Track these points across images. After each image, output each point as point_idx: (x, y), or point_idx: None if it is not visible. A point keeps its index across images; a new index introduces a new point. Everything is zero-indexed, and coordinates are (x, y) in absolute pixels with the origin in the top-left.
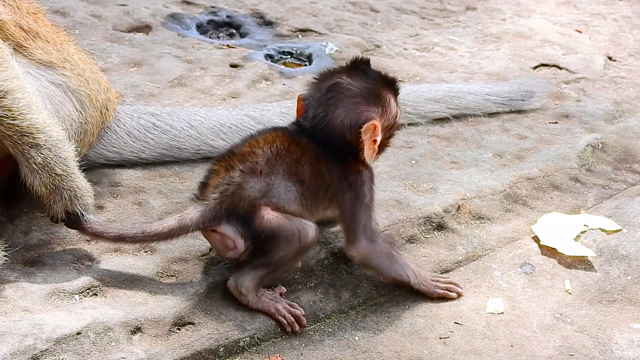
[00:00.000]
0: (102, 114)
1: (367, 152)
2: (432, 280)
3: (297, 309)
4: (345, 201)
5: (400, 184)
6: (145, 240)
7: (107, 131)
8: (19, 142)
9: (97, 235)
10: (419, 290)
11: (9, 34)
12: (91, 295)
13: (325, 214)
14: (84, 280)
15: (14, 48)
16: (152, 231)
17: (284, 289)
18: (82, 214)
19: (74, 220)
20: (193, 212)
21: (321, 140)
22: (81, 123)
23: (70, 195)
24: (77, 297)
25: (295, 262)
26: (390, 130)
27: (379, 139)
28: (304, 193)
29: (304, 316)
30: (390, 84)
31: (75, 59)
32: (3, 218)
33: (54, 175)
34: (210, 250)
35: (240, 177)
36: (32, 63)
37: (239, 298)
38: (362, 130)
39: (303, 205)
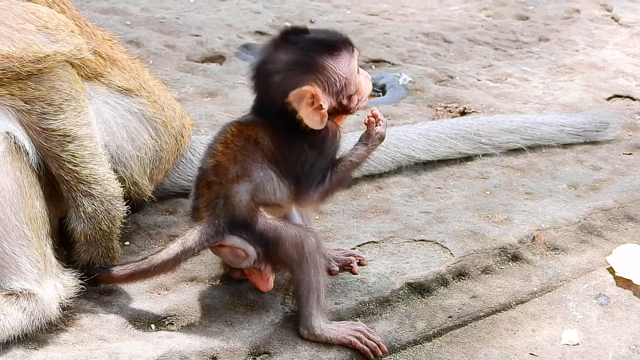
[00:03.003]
0: (177, 141)
1: (310, 120)
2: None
3: (375, 335)
4: (308, 157)
5: (475, 214)
6: (155, 272)
7: (183, 160)
8: (74, 188)
9: (110, 281)
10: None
11: (89, 65)
12: (167, 325)
13: None
14: (160, 309)
15: (92, 75)
16: (158, 261)
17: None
18: (103, 267)
19: (90, 270)
20: (194, 234)
21: (274, 120)
22: (157, 150)
23: (102, 252)
24: (153, 326)
25: (320, 271)
26: (343, 92)
27: (325, 104)
28: (279, 172)
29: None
30: (327, 46)
31: (151, 85)
32: None
33: (97, 229)
34: (227, 270)
35: (222, 189)
36: (109, 91)
37: (320, 340)
38: (290, 99)
39: (286, 185)
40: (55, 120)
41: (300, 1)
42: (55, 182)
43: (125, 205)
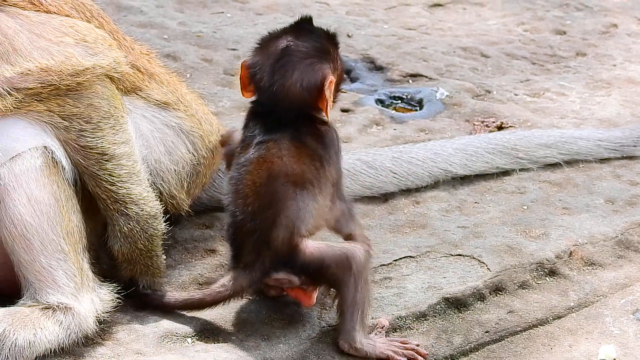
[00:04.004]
0: (214, 155)
1: (329, 109)
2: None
3: (409, 342)
4: (332, 158)
5: (511, 229)
6: (208, 304)
7: (220, 174)
8: (111, 207)
9: (154, 307)
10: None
11: (128, 79)
12: (204, 339)
13: None
14: (197, 323)
15: (129, 89)
16: (213, 297)
17: (386, 322)
18: (144, 289)
19: (134, 289)
20: (241, 280)
21: (283, 110)
22: (194, 164)
23: (140, 270)
24: (189, 340)
25: (368, 286)
26: (339, 85)
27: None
28: (313, 192)
29: (417, 346)
30: (333, 40)
31: (188, 99)
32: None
33: (134, 248)
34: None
35: (262, 236)
36: (147, 104)
37: (359, 354)
38: (325, 87)
39: (324, 199)
40: (94, 138)
41: (337, 15)
42: (93, 197)
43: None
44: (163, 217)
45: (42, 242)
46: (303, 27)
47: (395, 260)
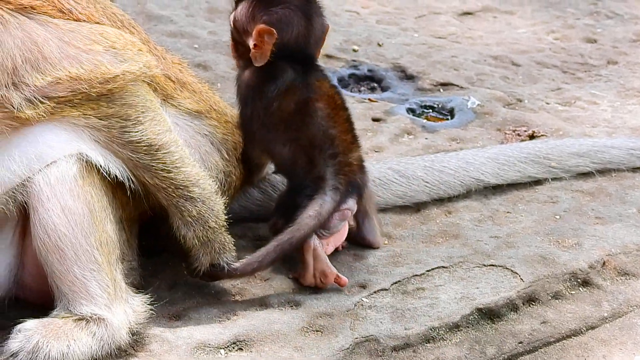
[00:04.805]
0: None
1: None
2: None
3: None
4: None
5: (544, 239)
6: (293, 249)
7: (251, 184)
8: (174, 194)
9: (251, 271)
10: None
11: (158, 85)
12: (237, 350)
13: None
14: (230, 334)
15: (162, 99)
16: (298, 239)
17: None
18: (227, 265)
19: (216, 272)
20: (327, 203)
21: (310, 56)
22: (227, 173)
23: (218, 248)
24: (222, 351)
25: None
26: None
27: None
28: None
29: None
30: None
31: (221, 106)
32: (148, 272)
33: (207, 227)
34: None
35: (344, 158)
36: (179, 113)
37: None
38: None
39: None
40: (137, 132)
41: (367, 24)
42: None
43: None
44: None
45: (76, 253)
46: None
47: (428, 271)
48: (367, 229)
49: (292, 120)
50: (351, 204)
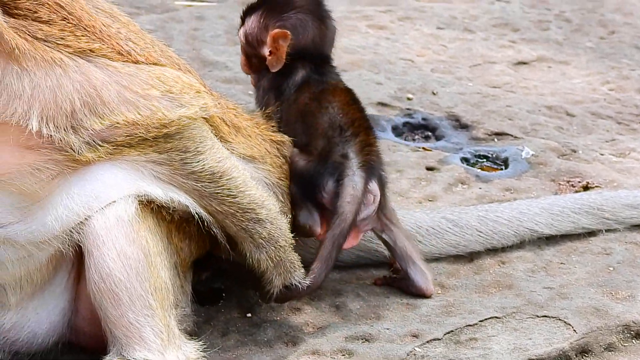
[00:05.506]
0: None
1: None
2: None
3: None
4: None
5: (598, 291)
6: (348, 230)
7: None
8: (242, 218)
9: (322, 281)
10: None
11: (215, 127)
12: None
13: None
14: None
15: None
16: (347, 224)
17: None
18: (299, 283)
19: (290, 293)
20: (359, 181)
21: (326, 56)
22: (283, 213)
23: (290, 267)
24: None
25: None
26: None
27: None
28: None
29: None
30: None
31: (278, 147)
32: (201, 319)
33: (278, 247)
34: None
35: (367, 139)
36: (233, 157)
37: None
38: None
39: None
40: (198, 162)
41: (422, 73)
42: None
43: None
44: None
45: (131, 298)
46: None
47: (480, 321)
48: (415, 276)
49: (309, 109)
50: (374, 187)
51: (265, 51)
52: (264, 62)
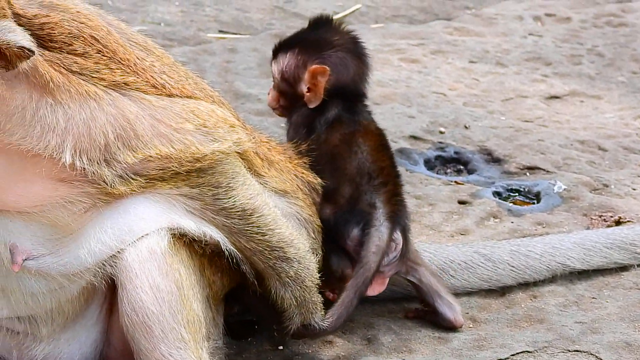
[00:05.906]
0: None
1: None
2: None
3: None
4: None
5: (630, 325)
6: (370, 280)
7: None
8: (270, 256)
9: (340, 325)
10: None
11: (248, 161)
12: None
13: None
14: None
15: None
16: (370, 274)
17: None
18: (318, 324)
19: (308, 332)
20: (384, 233)
21: (362, 94)
22: (313, 251)
23: (312, 308)
24: None
25: None
26: None
27: None
28: None
29: None
30: None
31: (310, 184)
32: (232, 351)
33: (304, 287)
34: None
35: (394, 188)
36: (265, 191)
37: None
38: None
39: None
40: (229, 198)
41: (454, 107)
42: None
43: None
44: None
45: (163, 331)
46: (329, 20)
47: (512, 355)
48: (443, 309)
49: (339, 151)
50: (398, 236)
51: (303, 88)
52: (298, 99)
